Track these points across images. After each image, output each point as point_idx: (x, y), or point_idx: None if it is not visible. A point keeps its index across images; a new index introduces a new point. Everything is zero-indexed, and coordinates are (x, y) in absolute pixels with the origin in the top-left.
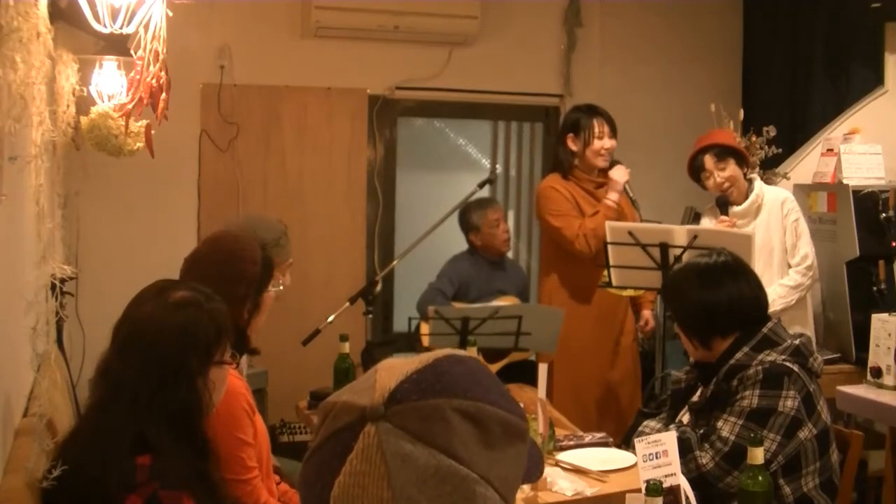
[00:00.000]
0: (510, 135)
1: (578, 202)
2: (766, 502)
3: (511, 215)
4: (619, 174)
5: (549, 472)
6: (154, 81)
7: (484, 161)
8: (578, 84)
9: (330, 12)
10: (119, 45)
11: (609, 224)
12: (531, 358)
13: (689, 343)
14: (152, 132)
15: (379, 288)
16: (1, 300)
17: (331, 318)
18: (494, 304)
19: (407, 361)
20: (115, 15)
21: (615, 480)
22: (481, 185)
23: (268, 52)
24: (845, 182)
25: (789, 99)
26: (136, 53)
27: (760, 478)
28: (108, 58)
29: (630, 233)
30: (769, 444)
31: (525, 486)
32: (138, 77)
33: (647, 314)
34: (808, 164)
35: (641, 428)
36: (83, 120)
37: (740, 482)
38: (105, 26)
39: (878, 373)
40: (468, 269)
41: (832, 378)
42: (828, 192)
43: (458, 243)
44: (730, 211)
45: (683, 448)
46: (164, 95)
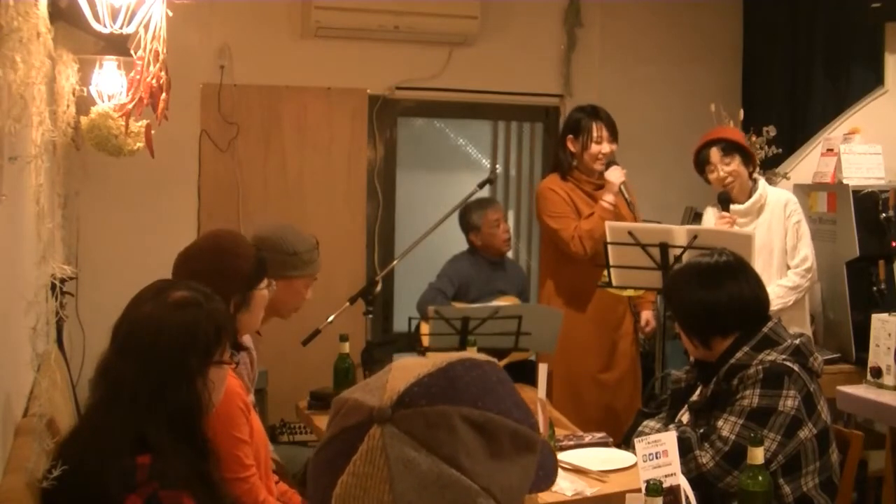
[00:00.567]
0: (510, 135)
1: (576, 203)
2: (767, 502)
3: (511, 215)
4: (614, 175)
5: None
6: (154, 81)
7: (484, 161)
8: (578, 84)
9: (330, 12)
10: (119, 45)
11: (609, 224)
12: (531, 358)
13: (690, 342)
14: (152, 132)
15: (379, 288)
16: (1, 300)
17: (331, 318)
18: (494, 304)
19: (421, 363)
20: (115, 15)
21: (615, 480)
22: (481, 185)
23: (268, 52)
24: (845, 182)
25: (789, 99)
26: (136, 53)
27: (760, 477)
28: (108, 58)
29: (630, 233)
30: (769, 444)
31: None
32: (138, 77)
33: (648, 314)
34: (808, 164)
35: (641, 428)
36: (83, 120)
37: (740, 482)
38: (105, 26)
39: (878, 373)
40: (468, 269)
41: (832, 378)
42: (828, 192)
43: (458, 243)
44: (732, 209)
45: (683, 448)
46: (164, 95)
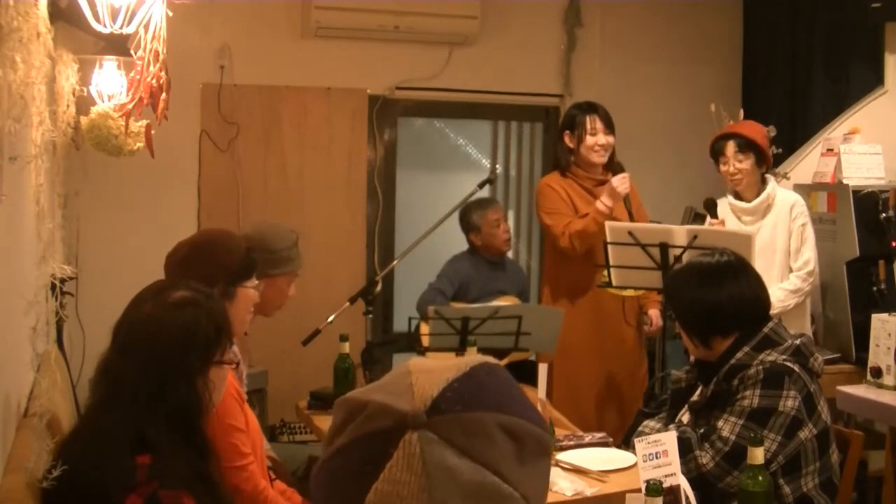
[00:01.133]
0: (510, 135)
1: (574, 200)
2: (767, 502)
3: (511, 215)
4: (620, 184)
5: None
6: (154, 81)
7: (484, 161)
8: (578, 84)
9: (330, 12)
10: (119, 45)
11: (609, 224)
12: (531, 358)
13: (690, 342)
14: (152, 132)
15: (379, 288)
16: (1, 300)
17: (331, 318)
18: (494, 304)
19: (442, 366)
20: (115, 15)
21: (615, 480)
22: (481, 185)
23: (268, 52)
24: (845, 182)
25: (789, 99)
26: (136, 53)
27: (760, 478)
28: (108, 58)
29: (630, 233)
30: (769, 444)
31: None
32: (138, 77)
33: (654, 314)
34: (808, 164)
35: (641, 428)
36: (83, 120)
37: (740, 482)
38: (105, 26)
39: (878, 373)
40: (468, 270)
41: (832, 378)
42: (828, 192)
43: (458, 243)
44: (739, 207)
45: (683, 448)
46: (164, 95)
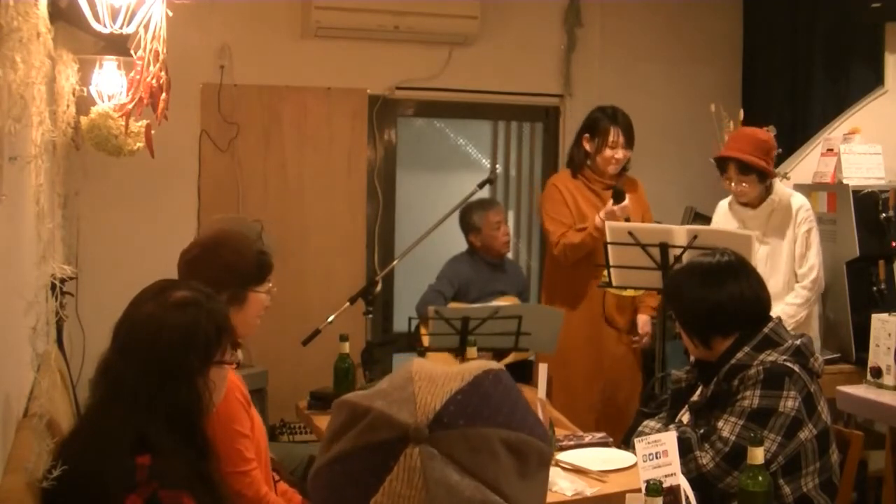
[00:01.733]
0: (510, 135)
1: (579, 203)
2: (767, 502)
3: (511, 215)
4: (620, 213)
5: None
6: (154, 81)
7: (484, 161)
8: (578, 84)
9: (330, 12)
10: (119, 45)
11: (609, 224)
12: (531, 358)
13: (690, 342)
14: (152, 132)
15: (379, 288)
16: (1, 300)
17: (331, 318)
18: (494, 304)
19: (447, 374)
20: (115, 15)
21: (615, 480)
22: (481, 185)
23: (268, 52)
24: (845, 182)
25: (789, 99)
26: (136, 53)
27: (760, 478)
28: (108, 58)
29: (630, 233)
30: (769, 445)
31: None
32: (138, 77)
33: (643, 319)
34: (808, 164)
35: (641, 428)
36: (83, 120)
37: (740, 482)
38: (105, 26)
39: (878, 373)
40: (467, 271)
41: (832, 378)
42: (828, 192)
43: (458, 243)
44: (743, 212)
45: (683, 448)
46: (164, 95)
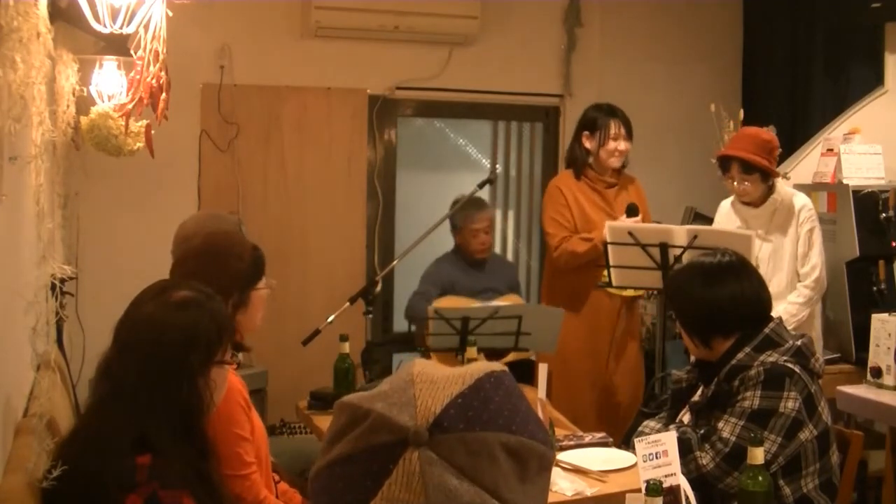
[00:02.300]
0: (510, 135)
1: (582, 204)
2: (766, 502)
3: (511, 215)
4: (633, 224)
5: None
6: (154, 81)
7: (484, 161)
8: (578, 84)
9: (330, 12)
10: (119, 45)
11: (609, 224)
12: (531, 357)
13: (690, 341)
14: (152, 132)
15: (379, 288)
16: (1, 300)
17: (331, 318)
18: (494, 304)
19: (448, 377)
20: (115, 15)
21: (615, 480)
22: (481, 186)
23: (268, 52)
24: (845, 182)
25: (789, 99)
26: (136, 53)
27: (760, 478)
28: (108, 58)
29: (630, 233)
30: (770, 446)
31: None
32: (138, 77)
33: None
34: (808, 164)
35: (641, 428)
36: (83, 120)
37: (740, 482)
38: (105, 26)
39: (878, 373)
40: (450, 270)
41: (832, 378)
42: (828, 192)
43: None
44: (745, 212)
45: (684, 448)
46: (164, 95)
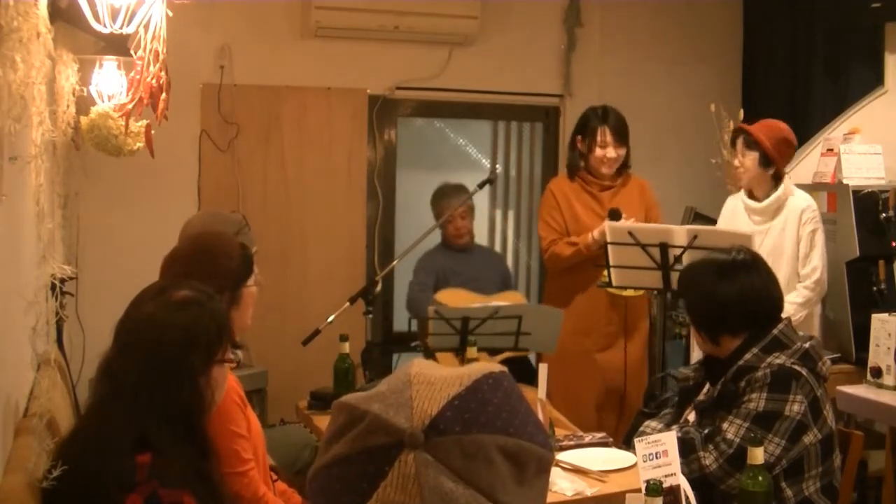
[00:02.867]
0: (510, 135)
1: (574, 206)
2: (767, 502)
3: (511, 215)
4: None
5: None
6: (154, 81)
7: (484, 161)
8: (578, 84)
9: (330, 12)
10: (119, 45)
11: (609, 224)
12: (529, 355)
13: (699, 336)
14: (152, 132)
15: (379, 288)
16: (1, 300)
17: (331, 318)
18: (494, 303)
19: (445, 378)
20: (115, 15)
21: (615, 480)
22: (481, 186)
23: (268, 52)
24: (845, 182)
25: (789, 99)
26: (136, 53)
27: (760, 478)
28: (108, 58)
29: (630, 233)
30: (774, 448)
31: None
32: (138, 77)
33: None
34: (808, 164)
35: (643, 428)
36: (83, 120)
37: (741, 482)
38: (105, 26)
39: (878, 373)
40: (440, 259)
41: (832, 378)
42: (828, 192)
43: None
44: (750, 206)
45: (687, 448)
46: (164, 95)
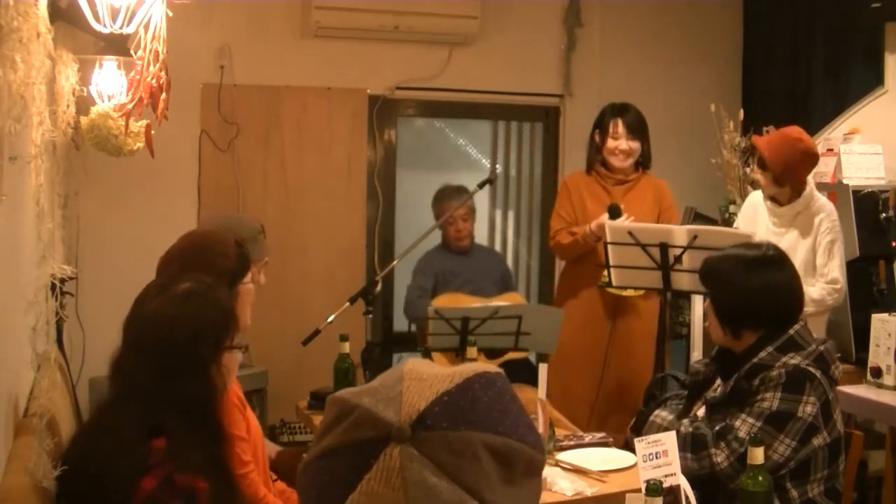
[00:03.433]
0: (510, 135)
1: (585, 199)
2: (767, 502)
3: (511, 215)
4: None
5: (549, 472)
6: (154, 81)
7: (484, 161)
8: (578, 84)
9: (330, 12)
10: (119, 45)
11: (609, 224)
12: (527, 356)
13: (720, 329)
14: (152, 132)
15: (379, 288)
16: (1, 300)
17: (331, 318)
18: (494, 303)
19: (437, 375)
20: (115, 15)
21: (615, 480)
22: (481, 186)
23: (268, 52)
24: (845, 182)
25: (789, 99)
26: (136, 53)
27: (760, 478)
28: (108, 58)
29: (630, 233)
30: (784, 449)
31: None
32: (138, 77)
33: None
34: None
35: (653, 418)
36: (83, 120)
37: (741, 482)
38: (105, 26)
39: (878, 373)
40: (439, 260)
41: None
42: (828, 192)
43: None
44: (770, 209)
45: (698, 445)
46: (164, 95)
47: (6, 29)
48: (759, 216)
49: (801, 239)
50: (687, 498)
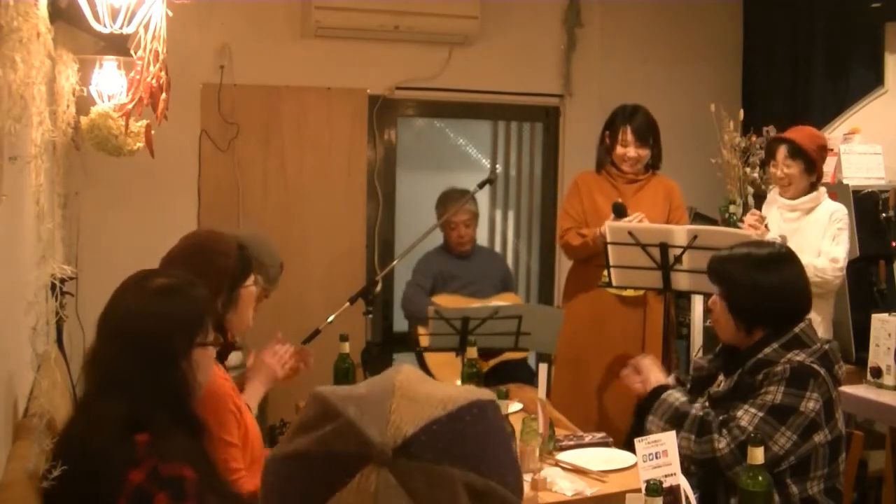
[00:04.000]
0: (510, 135)
1: (595, 197)
2: (767, 502)
3: (511, 215)
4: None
5: (549, 472)
6: (154, 81)
7: (484, 161)
8: (578, 84)
9: (330, 12)
10: (119, 45)
11: (609, 224)
12: (526, 356)
13: (733, 325)
14: (152, 132)
15: (379, 288)
16: (1, 300)
17: (331, 318)
18: (494, 304)
19: (429, 398)
20: (115, 15)
21: (615, 480)
22: (481, 186)
23: (268, 52)
24: (845, 182)
25: (789, 99)
26: (136, 53)
27: (760, 478)
28: (108, 58)
29: (630, 233)
30: (785, 442)
31: (525, 486)
32: (138, 77)
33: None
34: None
35: (665, 396)
36: (83, 120)
37: (741, 482)
38: (105, 26)
39: (878, 373)
40: (439, 262)
41: None
42: (828, 192)
43: None
44: (783, 203)
45: (704, 429)
46: (164, 95)
47: (6, 29)
48: (770, 212)
49: (814, 230)
50: (687, 498)
